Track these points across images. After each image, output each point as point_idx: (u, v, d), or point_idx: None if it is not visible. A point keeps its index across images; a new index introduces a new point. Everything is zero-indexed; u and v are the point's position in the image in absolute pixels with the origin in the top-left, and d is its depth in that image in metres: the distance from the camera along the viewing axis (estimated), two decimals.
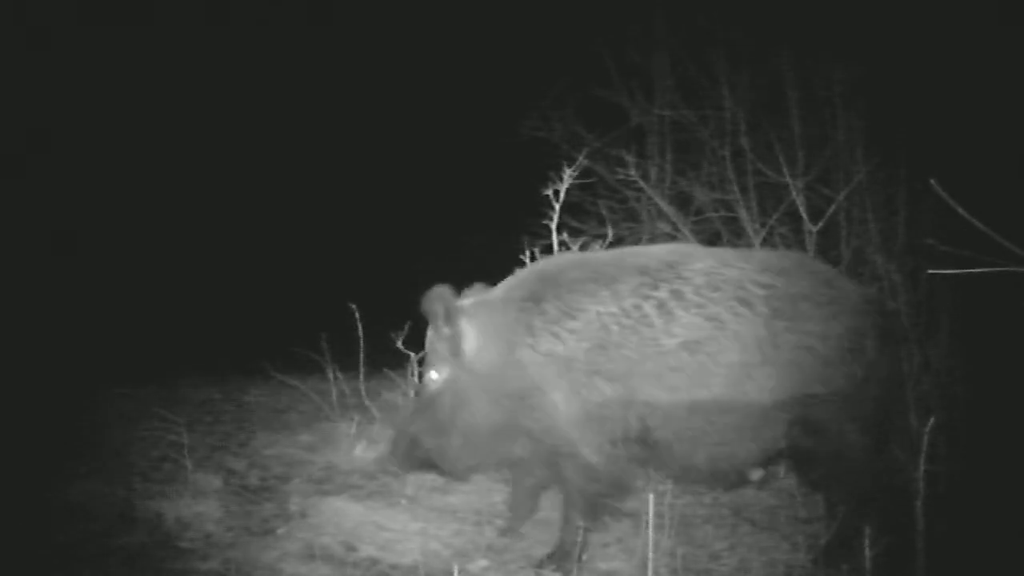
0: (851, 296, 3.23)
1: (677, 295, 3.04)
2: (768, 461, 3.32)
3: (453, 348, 3.13)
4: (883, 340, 3.18)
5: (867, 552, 2.65)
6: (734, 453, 3.11)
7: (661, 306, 3.02)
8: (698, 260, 3.17)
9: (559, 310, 3.06)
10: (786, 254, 3.97)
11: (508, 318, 3.12)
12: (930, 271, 3.19)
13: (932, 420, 2.83)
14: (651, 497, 2.84)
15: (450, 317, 3.12)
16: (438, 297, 3.14)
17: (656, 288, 3.05)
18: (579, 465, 3.08)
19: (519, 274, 3.39)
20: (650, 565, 2.82)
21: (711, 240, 5.08)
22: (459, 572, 2.92)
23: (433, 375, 3.19)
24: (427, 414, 3.19)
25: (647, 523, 2.80)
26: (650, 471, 3.34)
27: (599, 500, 3.14)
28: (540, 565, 3.17)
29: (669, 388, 3.00)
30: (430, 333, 3.22)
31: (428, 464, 3.28)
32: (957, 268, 2.43)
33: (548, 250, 4.34)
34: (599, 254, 3.69)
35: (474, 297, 3.31)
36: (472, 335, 3.12)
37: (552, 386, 3.04)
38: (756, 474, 3.35)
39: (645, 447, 3.10)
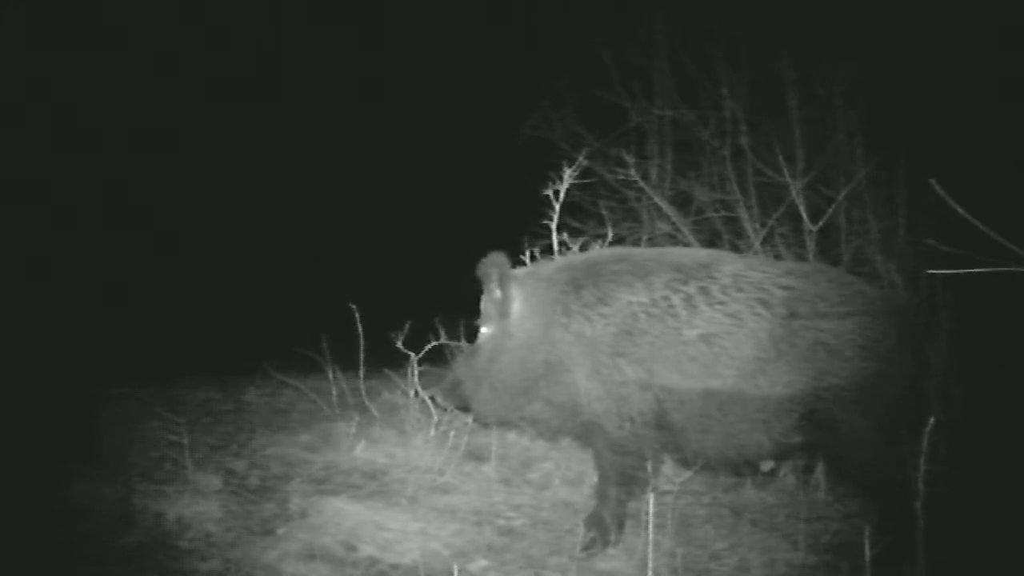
0: (869, 297, 3.36)
1: (704, 291, 3.28)
2: (782, 454, 3.46)
3: (501, 309, 3.42)
4: (901, 341, 3.27)
5: (867, 552, 2.66)
6: (743, 443, 3.28)
7: (688, 300, 3.27)
8: (729, 263, 3.41)
9: (594, 296, 3.34)
10: (812, 264, 4.23)
11: (550, 296, 3.41)
12: (930, 271, 3.21)
13: (932, 420, 2.83)
14: (651, 497, 2.87)
15: (502, 282, 3.41)
16: (494, 262, 3.43)
17: (686, 283, 3.30)
18: (608, 440, 3.34)
19: (570, 258, 3.78)
20: (650, 565, 2.82)
21: (711, 240, 5.08)
22: (459, 572, 2.93)
23: (483, 330, 3.50)
24: (469, 361, 3.53)
25: (647, 523, 2.82)
26: (666, 455, 3.49)
27: (630, 472, 3.35)
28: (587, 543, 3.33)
29: (685, 375, 3.22)
30: (484, 293, 3.50)
31: (465, 405, 3.60)
32: (957, 268, 2.44)
33: (548, 250, 4.34)
34: (644, 250, 4.04)
35: (528, 269, 3.68)
36: (519, 302, 3.43)
37: (576, 364, 3.32)
38: (766, 465, 3.56)
39: (661, 429, 3.30)
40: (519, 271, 3.57)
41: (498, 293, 3.42)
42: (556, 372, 3.36)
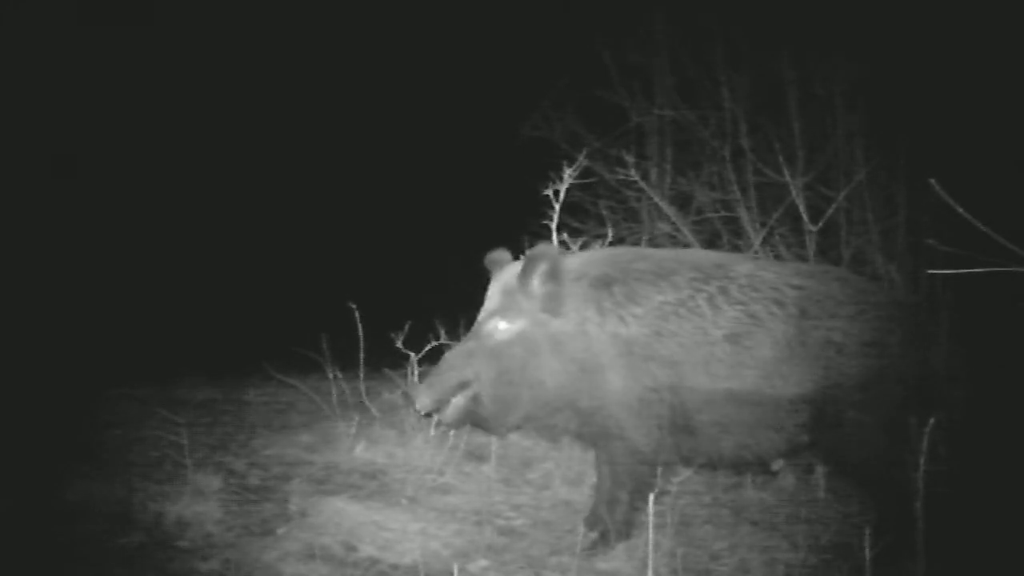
0: (878, 298, 3.38)
1: (724, 291, 3.25)
2: (792, 452, 3.44)
3: (547, 306, 3.21)
4: (908, 341, 3.28)
5: (867, 552, 2.66)
6: (759, 441, 3.27)
7: (711, 299, 3.23)
8: (741, 264, 3.41)
9: (625, 295, 3.24)
10: (820, 264, 4.25)
11: (580, 291, 3.27)
12: (930, 271, 3.22)
13: (932, 420, 2.83)
14: (651, 497, 2.86)
15: (556, 274, 3.22)
16: (546, 254, 3.24)
17: (707, 283, 3.26)
18: (628, 447, 3.25)
19: (592, 254, 3.63)
20: (650, 565, 2.82)
21: (711, 240, 5.08)
22: (459, 572, 2.93)
23: (502, 325, 3.24)
24: (493, 362, 3.22)
25: (647, 523, 2.82)
26: (682, 458, 3.44)
27: (645, 478, 3.29)
28: (589, 545, 3.27)
29: (712, 376, 3.19)
30: (508, 283, 3.29)
31: (467, 412, 3.26)
32: (957, 268, 2.44)
33: None
34: (658, 250, 3.98)
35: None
36: (569, 300, 3.24)
37: (612, 365, 3.21)
38: (777, 464, 3.52)
39: (685, 432, 3.25)
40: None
41: (548, 287, 3.20)
42: (593, 373, 3.22)
